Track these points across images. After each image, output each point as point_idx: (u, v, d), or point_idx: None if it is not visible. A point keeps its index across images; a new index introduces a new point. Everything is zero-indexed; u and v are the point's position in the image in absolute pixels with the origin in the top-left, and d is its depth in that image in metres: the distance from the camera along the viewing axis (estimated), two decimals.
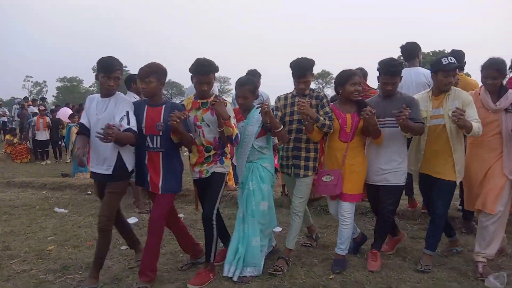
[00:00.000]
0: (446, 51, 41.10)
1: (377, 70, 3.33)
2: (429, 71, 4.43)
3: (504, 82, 3.43)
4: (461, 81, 4.22)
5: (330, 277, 3.19)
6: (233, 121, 3.06)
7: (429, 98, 3.29)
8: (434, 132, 3.24)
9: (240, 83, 3.28)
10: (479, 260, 3.17)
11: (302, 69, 3.29)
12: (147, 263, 3.03)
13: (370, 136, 3.33)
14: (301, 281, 3.13)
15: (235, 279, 3.11)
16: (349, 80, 3.27)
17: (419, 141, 3.33)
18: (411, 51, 4.57)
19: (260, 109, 3.11)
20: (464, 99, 3.13)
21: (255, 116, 3.26)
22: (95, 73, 3.07)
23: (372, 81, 4.48)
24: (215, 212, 3.14)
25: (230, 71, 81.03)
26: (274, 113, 3.36)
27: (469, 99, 3.16)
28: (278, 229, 4.13)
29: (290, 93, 3.48)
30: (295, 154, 3.36)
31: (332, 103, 3.42)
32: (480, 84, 3.42)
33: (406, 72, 4.48)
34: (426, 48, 41.47)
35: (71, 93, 64.92)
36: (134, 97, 4.84)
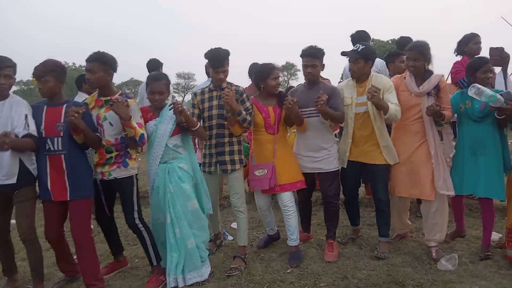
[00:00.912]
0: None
1: (300, 56, 3.33)
2: (381, 60, 4.50)
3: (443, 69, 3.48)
4: None
5: (288, 271, 3.16)
6: (140, 121, 2.94)
7: (354, 85, 3.30)
8: (360, 119, 3.26)
9: (155, 78, 3.07)
10: (431, 245, 3.24)
11: (219, 58, 3.18)
12: (90, 275, 2.89)
13: (293, 125, 3.37)
14: (259, 277, 3.08)
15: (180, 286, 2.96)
16: (270, 74, 3.26)
17: (347, 129, 3.36)
18: (360, 39, 4.58)
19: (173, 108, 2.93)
20: (384, 85, 3.15)
21: (168, 113, 3.04)
22: None
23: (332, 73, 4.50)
24: (136, 215, 3.02)
25: (194, 68, 79.97)
26: (191, 111, 3.27)
27: (389, 84, 3.18)
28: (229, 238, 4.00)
29: (206, 87, 3.37)
30: (219, 151, 3.25)
31: (252, 97, 3.38)
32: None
33: None
34: (387, 36, 42.38)
35: (28, 96, 62.13)
36: (85, 98, 4.66)
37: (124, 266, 3.37)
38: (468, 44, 4.33)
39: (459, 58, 4.43)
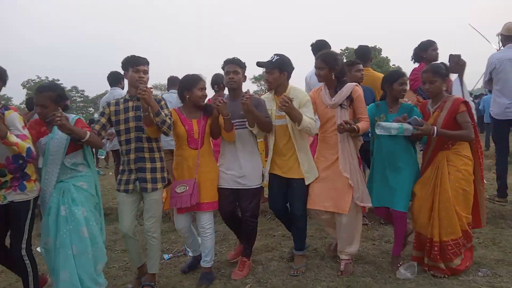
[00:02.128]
0: (377, 47, 43.51)
1: (222, 68, 3.29)
2: None
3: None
4: (368, 76, 4.31)
5: (247, 286, 3.08)
6: (23, 132, 2.63)
7: (273, 98, 3.24)
8: (279, 132, 3.19)
9: (37, 90, 2.80)
10: (342, 258, 3.20)
11: (139, 58, 3.04)
12: None
13: (218, 137, 3.26)
14: None
15: None
16: (196, 85, 3.13)
17: (269, 143, 3.29)
18: (320, 49, 4.59)
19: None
20: (301, 99, 3.10)
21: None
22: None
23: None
24: (24, 245, 2.72)
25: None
26: (97, 118, 3.07)
27: (305, 99, 3.12)
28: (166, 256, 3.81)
29: (122, 98, 3.15)
30: (140, 166, 3.01)
31: (176, 108, 3.25)
32: None
33: (314, 71, 4.53)
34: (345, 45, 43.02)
35: None
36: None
37: None
38: (427, 51, 4.39)
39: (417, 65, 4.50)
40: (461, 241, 2.96)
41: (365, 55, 4.70)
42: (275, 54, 3.18)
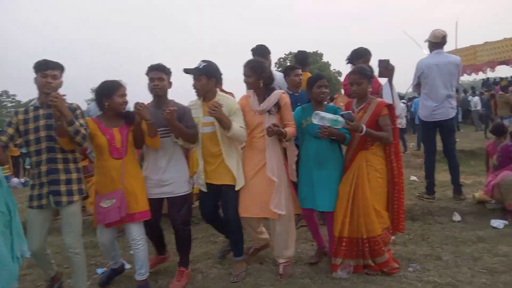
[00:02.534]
0: (318, 52, 44.91)
1: (146, 74, 3.20)
2: (279, 73, 4.58)
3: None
4: (306, 80, 4.41)
5: None
6: None
7: (201, 105, 3.21)
8: (208, 139, 3.17)
9: None
10: (280, 262, 3.24)
11: (49, 63, 2.88)
12: None
13: (142, 146, 3.18)
14: None
15: None
16: (116, 91, 2.98)
17: (198, 150, 3.26)
18: (260, 53, 4.62)
19: None
20: (230, 107, 3.11)
21: None
22: None
23: None
24: None
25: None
26: (4, 129, 2.83)
27: (235, 107, 3.14)
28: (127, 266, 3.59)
29: (31, 105, 2.95)
30: (52, 179, 2.82)
31: (94, 117, 3.10)
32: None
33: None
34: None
35: None
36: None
37: None
38: (359, 60, 4.57)
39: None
40: (381, 239, 3.06)
41: (304, 60, 4.81)
42: (202, 61, 3.14)
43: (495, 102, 14.83)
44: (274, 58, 5.03)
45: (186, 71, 3.17)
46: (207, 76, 3.10)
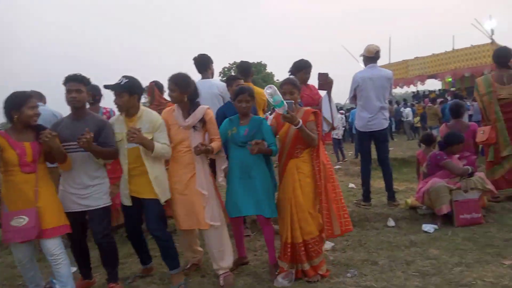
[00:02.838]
0: (262, 62, 45.69)
1: (63, 84, 3.07)
2: (222, 83, 4.58)
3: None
4: None
5: None
6: None
7: (124, 120, 3.16)
8: (132, 154, 3.10)
9: None
10: (220, 273, 3.24)
11: None
12: None
13: (56, 161, 3.04)
14: None
15: None
16: (26, 103, 2.82)
17: (122, 166, 3.19)
18: (203, 63, 4.61)
19: None
20: (154, 122, 3.10)
21: None
22: None
23: None
24: None
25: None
26: None
27: (158, 122, 3.12)
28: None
29: None
30: None
31: (2, 131, 2.93)
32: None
33: (199, 84, 4.51)
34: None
35: None
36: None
37: None
38: (300, 72, 4.69)
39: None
40: (320, 241, 3.23)
41: (246, 70, 4.84)
42: (123, 77, 3.08)
43: (422, 114, 15.96)
44: (218, 67, 5.03)
45: (107, 87, 3.09)
46: (129, 92, 3.04)
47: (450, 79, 22.52)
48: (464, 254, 3.41)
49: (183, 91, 3.17)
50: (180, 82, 3.17)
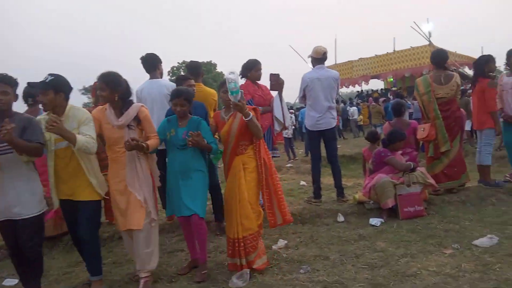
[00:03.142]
0: (212, 61, 45.38)
1: None
2: (171, 83, 4.49)
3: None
4: (200, 91, 4.40)
5: None
6: None
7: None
8: (63, 155, 3.01)
9: None
10: (142, 276, 3.19)
11: None
12: None
13: None
14: None
15: None
16: None
17: (49, 168, 3.08)
18: (151, 63, 4.50)
19: None
20: (80, 118, 3.01)
21: None
22: None
23: None
24: None
25: None
26: None
27: (84, 117, 3.02)
28: None
29: None
30: None
31: None
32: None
33: (148, 84, 4.42)
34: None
35: None
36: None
37: None
38: (251, 70, 4.73)
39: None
40: (258, 236, 3.31)
41: (196, 70, 4.79)
42: (49, 74, 2.95)
43: (369, 112, 16.66)
44: (167, 66, 4.93)
45: (31, 84, 2.94)
46: (54, 90, 2.92)
47: (392, 79, 23.71)
48: (408, 245, 3.59)
49: (114, 90, 3.11)
50: (110, 81, 3.11)
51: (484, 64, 5.17)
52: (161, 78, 4.57)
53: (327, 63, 5.22)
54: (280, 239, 3.98)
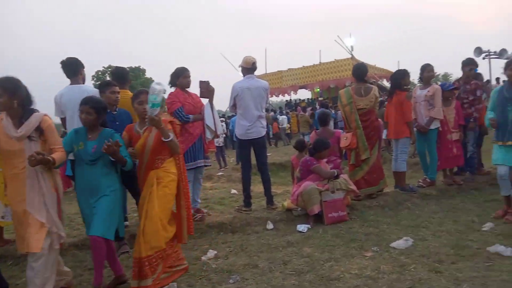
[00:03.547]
0: (141, 67, 44.06)
1: None
2: (94, 89, 4.26)
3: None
4: (126, 98, 4.21)
5: None
6: None
7: None
8: None
9: None
10: None
11: None
12: None
13: None
14: None
15: None
16: None
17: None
18: (72, 67, 4.23)
19: None
20: None
21: None
22: None
23: None
24: None
25: None
26: None
27: None
28: None
29: None
30: None
31: None
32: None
33: (68, 90, 4.15)
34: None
35: None
36: None
37: None
38: (179, 78, 4.67)
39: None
40: (164, 254, 3.18)
41: (122, 76, 4.62)
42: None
43: (298, 121, 17.25)
44: (91, 71, 4.69)
45: None
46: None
47: (318, 90, 24.87)
48: (333, 250, 3.75)
49: (13, 96, 2.81)
50: (8, 86, 2.81)
51: (400, 78, 5.61)
52: (83, 83, 4.32)
53: (258, 72, 5.33)
54: (210, 250, 3.94)
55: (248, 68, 5.06)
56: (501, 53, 20.81)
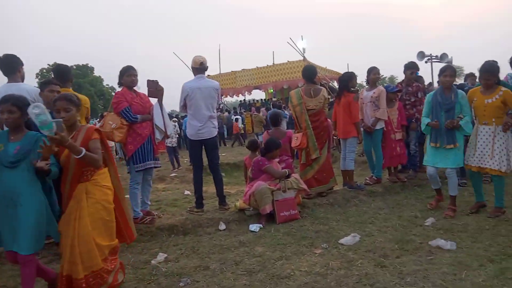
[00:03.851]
0: (89, 65, 42.38)
1: None
2: (34, 88, 4.03)
3: None
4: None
5: None
6: None
7: None
8: None
9: None
10: None
11: None
12: None
13: None
14: None
15: None
16: None
17: None
18: (10, 65, 3.97)
19: None
20: None
21: None
22: None
23: None
24: None
25: None
26: None
27: None
28: None
29: None
30: None
31: None
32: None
33: (5, 88, 3.89)
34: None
35: None
36: None
37: None
38: (123, 76, 4.54)
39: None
40: (103, 272, 2.87)
41: (64, 74, 4.40)
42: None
43: (252, 121, 17.34)
44: (35, 68, 4.43)
45: None
46: None
47: (272, 90, 25.14)
48: (284, 248, 3.80)
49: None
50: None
51: (348, 80, 5.80)
52: (22, 82, 4.07)
53: (211, 72, 5.28)
54: (160, 253, 3.86)
55: (197, 68, 5.00)
56: (442, 57, 22.36)
